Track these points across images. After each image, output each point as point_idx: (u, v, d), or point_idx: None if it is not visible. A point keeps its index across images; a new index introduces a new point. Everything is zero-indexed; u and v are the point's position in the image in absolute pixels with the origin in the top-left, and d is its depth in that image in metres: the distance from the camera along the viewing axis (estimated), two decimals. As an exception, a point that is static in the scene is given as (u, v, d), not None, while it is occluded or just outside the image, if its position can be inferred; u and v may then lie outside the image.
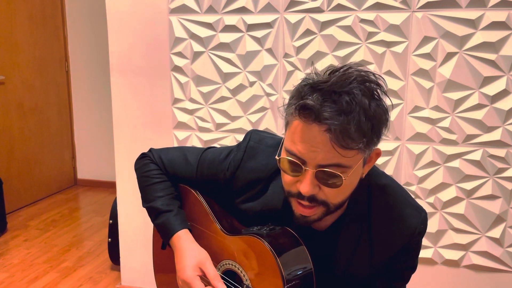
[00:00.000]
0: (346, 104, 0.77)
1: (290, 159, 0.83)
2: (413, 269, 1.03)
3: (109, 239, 2.54)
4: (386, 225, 0.95)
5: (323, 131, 0.78)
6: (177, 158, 1.15)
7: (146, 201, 1.16)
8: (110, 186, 4.07)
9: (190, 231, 1.11)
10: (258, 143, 1.04)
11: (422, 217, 0.97)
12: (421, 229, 0.97)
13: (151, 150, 1.20)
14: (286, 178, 0.87)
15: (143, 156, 1.20)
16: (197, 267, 1.03)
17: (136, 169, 1.20)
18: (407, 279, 1.04)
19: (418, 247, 1.00)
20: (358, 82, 0.79)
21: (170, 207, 1.11)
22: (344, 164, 0.81)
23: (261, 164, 1.01)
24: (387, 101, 0.83)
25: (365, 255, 0.97)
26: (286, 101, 0.86)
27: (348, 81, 0.78)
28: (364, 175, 0.90)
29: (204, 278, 1.04)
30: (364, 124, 0.77)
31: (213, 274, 1.01)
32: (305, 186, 0.83)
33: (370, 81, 0.81)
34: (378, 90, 0.81)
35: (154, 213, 1.13)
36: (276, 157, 0.88)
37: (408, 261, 1.00)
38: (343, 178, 0.81)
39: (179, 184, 1.18)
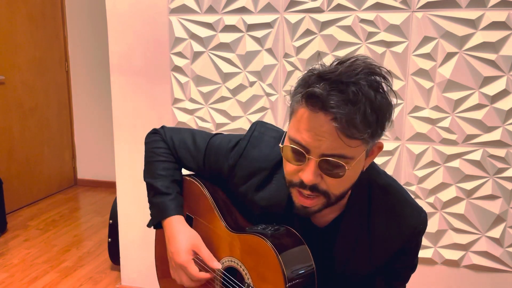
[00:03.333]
0: (352, 94, 0.77)
1: (294, 147, 0.83)
2: (412, 268, 1.03)
3: (109, 239, 2.54)
4: (385, 224, 0.95)
5: (329, 120, 0.78)
6: (187, 140, 1.15)
7: (148, 176, 1.16)
8: (110, 186, 4.08)
9: (189, 223, 1.12)
10: (262, 134, 1.05)
11: (422, 217, 0.97)
12: (421, 229, 0.97)
13: (163, 127, 1.21)
14: (288, 167, 0.87)
15: (155, 132, 1.21)
16: (190, 250, 1.04)
17: (146, 143, 1.21)
18: (406, 279, 1.04)
19: (417, 246, 1.00)
20: (364, 74, 0.79)
21: (169, 190, 1.12)
22: (348, 155, 0.81)
23: (263, 153, 1.02)
24: (392, 95, 0.83)
25: (364, 254, 0.97)
26: (292, 89, 0.86)
27: (355, 72, 0.78)
28: (365, 168, 0.90)
29: (198, 260, 1.04)
30: (370, 115, 0.78)
31: (208, 255, 1.03)
32: (308, 175, 0.82)
33: (376, 73, 0.81)
34: (384, 84, 0.81)
35: (152, 191, 1.14)
36: (280, 145, 0.87)
37: (407, 261, 1.01)
38: (346, 168, 0.81)
39: (185, 176, 1.18)
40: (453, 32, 1.73)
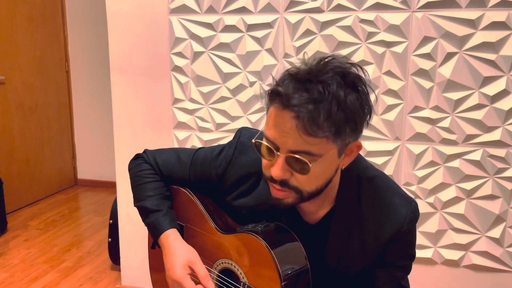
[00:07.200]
0: (317, 93, 0.78)
1: (265, 144, 0.86)
2: (410, 258, 1.03)
3: (109, 239, 2.54)
4: (376, 215, 0.96)
5: (291, 117, 0.80)
6: (170, 158, 1.16)
7: (137, 200, 1.17)
8: (110, 186, 4.08)
9: (180, 231, 1.12)
10: (248, 139, 1.05)
11: (412, 207, 0.97)
12: (412, 218, 0.97)
13: (145, 151, 1.21)
14: (263, 162, 0.90)
15: (137, 157, 1.21)
16: (186, 265, 1.04)
17: (129, 170, 1.22)
18: (407, 268, 1.04)
19: (411, 235, 1.00)
20: (335, 73, 0.80)
21: (160, 207, 1.12)
22: (313, 152, 0.82)
23: (252, 159, 1.03)
24: (372, 94, 0.85)
25: (357, 247, 0.97)
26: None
27: (325, 70, 0.80)
28: (343, 167, 0.91)
29: (194, 276, 1.04)
30: (335, 114, 0.78)
31: (203, 273, 1.03)
32: (276, 170, 0.85)
33: (350, 73, 0.82)
34: (361, 84, 0.82)
35: (144, 213, 1.15)
36: (253, 140, 0.90)
37: (402, 251, 1.00)
38: (310, 165, 0.82)
39: (172, 185, 1.18)
40: (453, 32, 1.73)
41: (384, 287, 1.01)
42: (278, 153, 0.84)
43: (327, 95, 0.78)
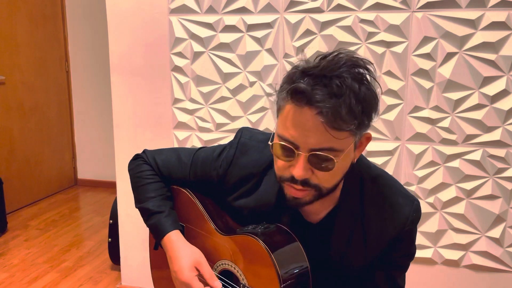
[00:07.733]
0: (336, 87, 0.78)
1: (283, 144, 0.84)
2: (410, 256, 1.03)
3: (109, 239, 2.54)
4: (378, 215, 0.96)
5: (315, 114, 0.79)
6: (170, 159, 1.15)
7: (139, 202, 1.17)
8: (110, 186, 4.08)
9: (182, 231, 1.12)
10: (249, 139, 1.05)
11: (414, 206, 0.97)
12: (414, 218, 0.97)
13: (145, 151, 1.21)
14: (279, 163, 0.88)
15: (136, 157, 1.21)
16: (193, 267, 1.04)
17: (129, 170, 1.21)
18: (405, 267, 1.04)
19: (412, 234, 1.00)
20: (347, 67, 0.80)
21: (162, 208, 1.12)
22: (336, 147, 0.82)
23: (253, 159, 1.03)
24: (376, 86, 0.85)
25: (359, 246, 0.97)
26: (278, 87, 0.88)
27: (338, 65, 0.80)
28: (355, 160, 0.91)
29: (200, 277, 1.04)
30: (355, 107, 0.79)
31: (209, 273, 1.03)
32: (298, 170, 0.84)
33: (359, 65, 0.82)
34: (367, 75, 0.83)
35: (146, 214, 1.15)
36: (269, 142, 0.88)
37: (403, 249, 1.00)
38: (335, 161, 0.82)
39: (173, 185, 1.18)
40: (453, 32, 1.73)
41: (381, 286, 1.01)
42: (299, 152, 0.83)
43: (345, 89, 0.78)
